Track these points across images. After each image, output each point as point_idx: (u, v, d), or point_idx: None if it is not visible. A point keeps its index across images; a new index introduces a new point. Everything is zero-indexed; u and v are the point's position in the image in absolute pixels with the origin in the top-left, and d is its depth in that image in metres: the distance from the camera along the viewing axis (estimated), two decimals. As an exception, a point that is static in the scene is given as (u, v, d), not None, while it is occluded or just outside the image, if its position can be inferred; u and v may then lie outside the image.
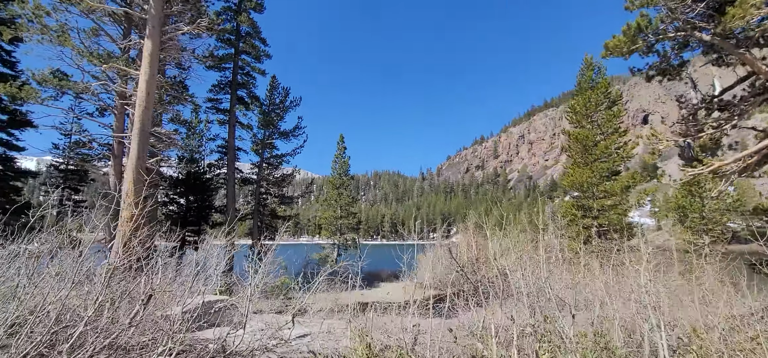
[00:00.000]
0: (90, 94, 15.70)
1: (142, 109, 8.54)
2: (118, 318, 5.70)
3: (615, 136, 20.37)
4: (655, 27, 8.80)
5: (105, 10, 15.36)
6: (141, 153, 8.46)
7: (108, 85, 15.98)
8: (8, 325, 4.51)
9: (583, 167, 20.54)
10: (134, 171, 8.35)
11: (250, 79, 20.74)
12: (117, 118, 15.44)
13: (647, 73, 9.75)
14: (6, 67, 18.20)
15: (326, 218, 26.88)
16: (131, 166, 8.37)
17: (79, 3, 14.28)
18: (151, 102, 8.75)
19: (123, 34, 15.84)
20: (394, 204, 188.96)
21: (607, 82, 21.25)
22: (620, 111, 20.58)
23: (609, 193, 19.74)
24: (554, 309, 5.38)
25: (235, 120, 20.46)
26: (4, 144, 17.72)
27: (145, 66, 8.69)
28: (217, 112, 20.74)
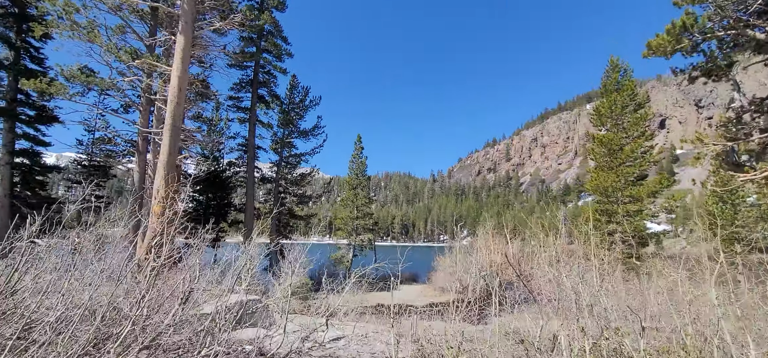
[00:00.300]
0: (115, 90, 15.85)
1: (173, 105, 8.49)
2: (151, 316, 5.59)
3: (641, 139, 19.83)
4: (701, 25, 8.43)
5: (131, 5, 15.50)
6: (172, 149, 8.42)
7: (134, 81, 16.11)
8: (54, 322, 4.42)
9: (608, 171, 20.03)
10: (165, 167, 8.31)
11: (270, 78, 20.78)
12: (142, 115, 15.54)
13: (690, 74, 9.36)
14: (34, 64, 18.51)
15: (342, 219, 26.78)
16: (162, 162, 8.32)
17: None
18: (183, 98, 8.71)
19: (149, 32, 15.96)
20: (404, 206, 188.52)
21: (633, 84, 20.72)
22: (647, 114, 20.03)
23: (635, 198, 19.21)
24: (612, 320, 5.10)
25: (255, 118, 20.50)
26: (31, 139, 18.01)
27: (177, 62, 8.65)
28: (237, 110, 20.82)
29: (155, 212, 8.07)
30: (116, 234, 11.37)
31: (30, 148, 18.01)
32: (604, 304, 5.17)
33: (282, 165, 21.88)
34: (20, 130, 18.10)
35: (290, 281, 8.32)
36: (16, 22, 17.87)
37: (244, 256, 7.71)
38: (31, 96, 18.39)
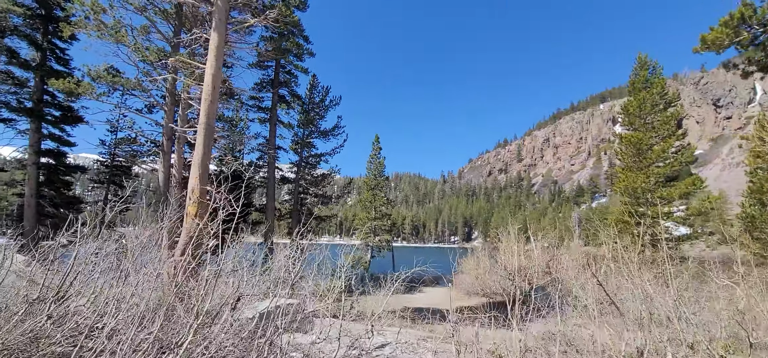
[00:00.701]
0: (140, 90, 15.84)
1: (207, 104, 8.33)
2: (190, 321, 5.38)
3: (672, 139, 19.21)
4: (760, 17, 7.97)
5: (156, 6, 15.49)
6: (206, 148, 8.25)
7: (159, 81, 16.09)
8: (109, 330, 4.23)
9: (637, 172, 19.44)
10: (200, 166, 8.14)
11: (291, 78, 20.66)
12: (167, 115, 15.50)
13: (744, 69, 8.88)
14: (60, 65, 18.67)
15: (360, 219, 26.55)
16: (197, 162, 8.15)
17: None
18: (217, 96, 8.54)
19: (173, 32, 15.91)
20: (414, 206, 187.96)
21: (663, 82, 20.09)
22: (678, 112, 19.39)
23: (666, 199, 18.60)
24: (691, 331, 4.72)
25: (276, 119, 20.39)
26: (57, 139, 18.16)
27: (212, 59, 8.49)
28: (258, 110, 20.75)
29: (190, 212, 7.90)
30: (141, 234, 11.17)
31: (55, 149, 18.16)
32: (685, 314, 4.77)
33: (302, 165, 21.76)
34: (46, 131, 18.27)
35: (336, 284, 8.06)
36: (42, 23, 18.03)
37: (286, 257, 7.48)
38: (56, 97, 18.55)
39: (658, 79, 20.19)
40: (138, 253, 6.48)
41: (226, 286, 6.11)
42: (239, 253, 6.83)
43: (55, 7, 18.52)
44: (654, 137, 19.58)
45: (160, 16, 15.89)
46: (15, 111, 17.42)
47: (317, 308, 8.19)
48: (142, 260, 6.09)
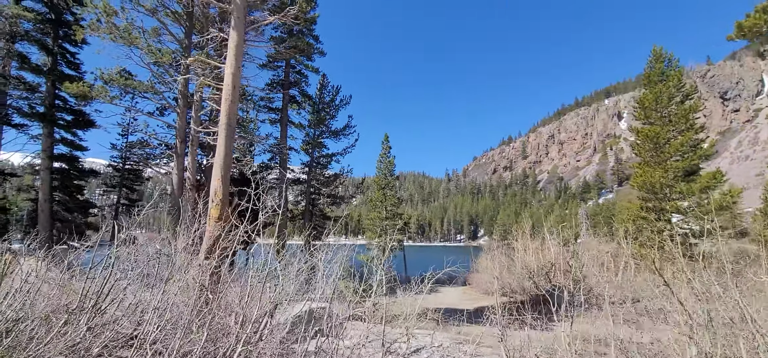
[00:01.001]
0: (152, 93, 15.73)
1: (228, 104, 8.15)
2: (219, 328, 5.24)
3: (690, 132, 18.84)
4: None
5: (167, 7, 15.38)
6: (228, 149, 8.07)
7: (171, 84, 15.97)
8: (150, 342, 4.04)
9: (655, 167, 19.08)
10: (222, 167, 7.96)
11: (302, 78, 20.50)
12: (179, 117, 15.37)
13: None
14: (71, 69, 18.62)
15: (371, 220, 26.35)
16: (219, 163, 7.98)
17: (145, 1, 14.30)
18: (237, 96, 8.36)
19: (184, 34, 15.78)
20: (419, 205, 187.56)
21: (680, 74, 19.72)
22: (697, 105, 19.01)
23: (685, 194, 18.24)
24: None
25: (287, 119, 20.24)
26: (69, 144, 18.10)
27: (231, 58, 8.30)
28: (269, 111, 20.59)
29: (213, 215, 7.73)
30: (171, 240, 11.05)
31: (68, 154, 18.10)
32: (750, 314, 4.50)
33: (313, 165, 21.60)
34: (58, 135, 18.23)
35: (358, 286, 7.84)
36: (52, 27, 17.98)
37: (325, 260, 7.27)
38: (68, 101, 18.51)
39: (675, 71, 19.82)
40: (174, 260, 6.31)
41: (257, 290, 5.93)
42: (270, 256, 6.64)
43: (64, 11, 18.48)
44: (671, 131, 19.22)
45: (170, 17, 15.76)
46: (27, 116, 17.39)
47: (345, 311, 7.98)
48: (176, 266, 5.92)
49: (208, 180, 17.20)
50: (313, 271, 7.87)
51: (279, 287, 5.39)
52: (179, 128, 15.27)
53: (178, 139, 15.22)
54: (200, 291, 6.17)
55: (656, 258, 16.29)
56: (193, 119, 15.25)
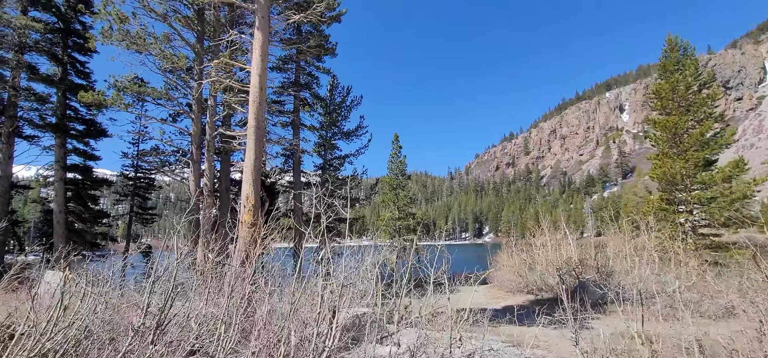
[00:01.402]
0: (166, 99, 15.55)
1: (256, 106, 7.93)
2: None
3: (709, 121, 18.55)
4: None
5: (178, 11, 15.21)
6: (258, 152, 7.86)
7: (183, 89, 15.78)
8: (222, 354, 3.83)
9: (674, 158, 18.79)
10: (253, 171, 7.74)
11: (312, 79, 20.30)
12: (194, 123, 15.17)
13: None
14: (80, 78, 18.46)
15: (384, 220, 26.11)
16: (249, 167, 7.75)
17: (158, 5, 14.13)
18: (265, 98, 8.14)
19: (196, 39, 15.59)
20: (423, 204, 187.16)
21: (696, 63, 19.45)
22: (716, 94, 18.72)
23: (707, 184, 17.97)
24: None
25: (299, 122, 20.02)
26: (81, 154, 17.92)
27: (257, 59, 8.09)
28: (279, 114, 20.37)
29: (246, 220, 7.50)
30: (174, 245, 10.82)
31: (82, 164, 17.93)
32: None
33: (326, 168, 21.39)
34: (70, 146, 18.06)
35: (404, 293, 7.60)
36: (62, 37, 17.82)
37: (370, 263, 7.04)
38: (79, 111, 18.35)
39: (691, 60, 19.53)
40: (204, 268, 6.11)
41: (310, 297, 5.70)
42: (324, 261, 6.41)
43: (72, 20, 18.32)
44: (690, 120, 18.94)
45: (181, 23, 15.57)
46: (40, 127, 17.24)
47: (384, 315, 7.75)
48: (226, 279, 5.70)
49: (223, 186, 17.02)
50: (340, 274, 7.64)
51: (336, 292, 5.15)
52: (194, 134, 15.07)
53: (194, 145, 15.02)
54: (246, 301, 5.97)
55: (678, 251, 16.01)
56: (208, 125, 15.05)
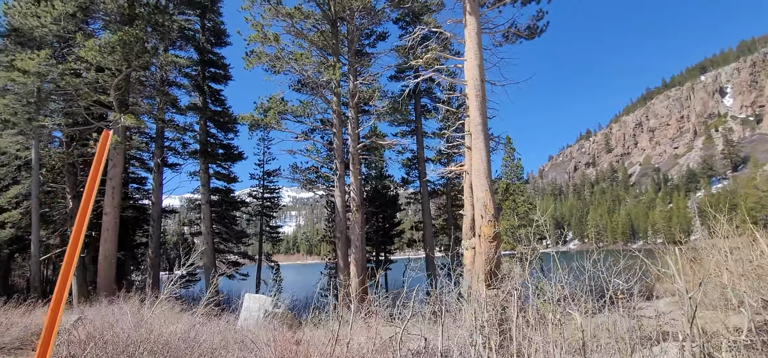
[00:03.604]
0: (305, 116, 15.55)
1: (479, 101, 6.93)
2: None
3: None
4: None
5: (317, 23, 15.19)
6: (487, 153, 6.82)
7: (322, 105, 15.67)
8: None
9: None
10: (486, 175, 6.72)
11: (432, 84, 19.52)
12: (336, 137, 14.92)
13: None
14: (217, 105, 19.45)
15: (504, 228, 24.28)
16: (482, 171, 6.73)
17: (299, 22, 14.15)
18: (485, 91, 7.11)
19: (332, 51, 15.47)
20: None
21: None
22: None
23: None
24: None
25: (421, 130, 19.24)
26: (223, 177, 18.74)
27: (473, 48, 7.12)
28: (399, 123, 19.81)
29: (485, 233, 6.44)
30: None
31: (223, 187, 18.76)
32: None
33: (451, 175, 20.37)
34: (211, 171, 19.00)
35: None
36: (201, 69, 18.92)
37: None
38: (217, 137, 19.31)
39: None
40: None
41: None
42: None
43: (208, 53, 19.42)
44: None
45: (319, 39, 15.56)
46: (186, 155, 18.34)
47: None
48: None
49: (358, 201, 16.55)
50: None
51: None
52: (337, 148, 14.77)
53: (337, 158, 14.72)
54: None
55: None
56: (351, 137, 14.68)
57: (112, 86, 14.21)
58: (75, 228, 2.49)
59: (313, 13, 14.62)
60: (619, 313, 5.40)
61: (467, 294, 6.96)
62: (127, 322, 5.85)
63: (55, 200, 18.89)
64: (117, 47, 13.10)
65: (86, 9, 14.40)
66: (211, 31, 19.23)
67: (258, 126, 14.07)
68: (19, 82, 13.14)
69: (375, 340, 6.62)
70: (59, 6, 13.23)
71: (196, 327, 6.07)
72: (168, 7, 16.78)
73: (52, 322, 2.42)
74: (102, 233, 14.76)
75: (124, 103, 15.43)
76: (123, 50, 13.34)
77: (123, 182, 16.99)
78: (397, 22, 19.89)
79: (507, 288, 6.34)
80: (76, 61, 13.58)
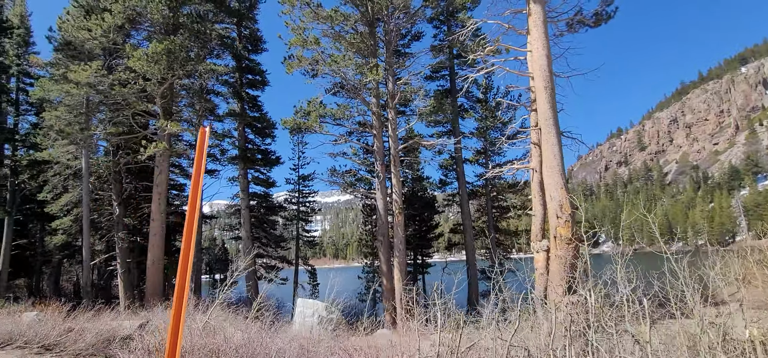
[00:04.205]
0: (344, 118, 15.43)
1: (548, 93, 6.50)
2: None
3: None
4: None
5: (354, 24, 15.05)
6: (560, 148, 6.36)
7: (363, 107, 15.51)
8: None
9: None
10: (560, 171, 6.28)
11: (468, 83, 19.03)
12: (376, 138, 14.71)
13: None
14: (254, 111, 19.66)
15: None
16: (554, 167, 6.30)
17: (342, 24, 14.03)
18: (553, 83, 6.67)
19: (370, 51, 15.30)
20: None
21: None
22: None
23: None
24: None
25: (458, 130, 18.77)
26: (262, 182, 18.89)
27: (540, 37, 6.70)
28: (435, 124, 19.43)
29: (562, 234, 6.02)
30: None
31: (262, 192, 18.89)
32: None
33: (489, 177, 19.78)
34: (249, 176, 19.20)
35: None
36: (240, 75, 19.18)
37: None
38: (255, 142, 19.50)
39: None
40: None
41: None
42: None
43: (245, 59, 19.67)
44: None
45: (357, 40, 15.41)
46: (229, 161, 18.58)
47: None
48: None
49: (399, 204, 16.24)
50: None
51: None
52: (377, 151, 14.54)
53: (378, 161, 14.48)
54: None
55: None
56: (391, 139, 14.42)
57: (158, 94, 14.53)
58: (186, 232, 2.28)
59: (352, 15, 14.49)
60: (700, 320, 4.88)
61: (541, 300, 6.51)
62: (196, 328, 5.74)
63: (101, 206, 19.54)
64: (163, 56, 13.36)
65: (133, 20, 14.81)
66: (248, 39, 19.48)
67: (300, 130, 14.06)
68: (74, 93, 13.60)
69: (439, 348, 6.27)
70: (109, 18, 13.64)
71: (263, 334, 5.91)
72: (208, 16, 17.09)
73: (176, 330, 2.22)
74: (150, 239, 15.08)
75: (168, 111, 15.76)
76: (168, 59, 13.60)
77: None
78: (432, 21, 19.57)
79: (589, 294, 5.86)
80: (125, 71, 13.94)
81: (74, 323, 6.44)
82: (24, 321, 7.12)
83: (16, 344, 5.60)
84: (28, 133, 20.48)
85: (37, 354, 5.20)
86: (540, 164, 7.40)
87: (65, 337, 5.70)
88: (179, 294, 2.26)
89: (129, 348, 5.48)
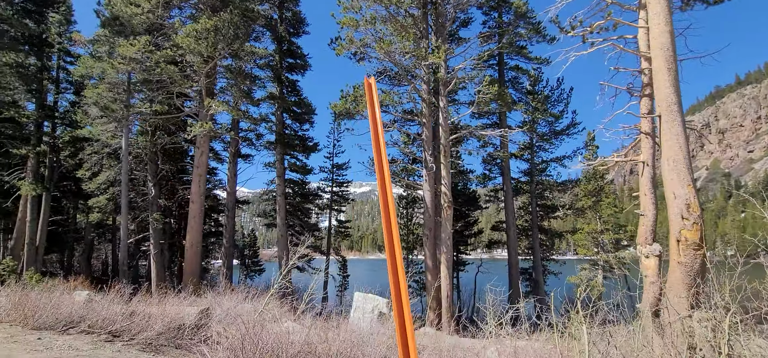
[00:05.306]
0: (392, 105, 14.73)
1: (672, 75, 5.65)
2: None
3: None
4: None
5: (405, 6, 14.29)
6: (687, 140, 5.52)
7: (413, 94, 14.78)
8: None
9: None
10: (688, 168, 5.42)
11: (519, 73, 18.06)
12: (425, 128, 13.96)
13: None
14: (292, 95, 19.15)
15: (585, 233, 22.26)
16: (683, 161, 5.45)
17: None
18: (677, 63, 5.80)
19: (421, 35, 14.52)
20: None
21: None
22: None
23: None
24: None
25: (506, 124, 17.83)
26: (299, 169, 18.39)
27: (660, 11, 5.82)
28: (479, 116, 18.53)
29: (688, 239, 5.14)
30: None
31: (298, 179, 18.42)
32: None
33: (535, 173, 18.77)
34: (286, 162, 18.73)
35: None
36: (280, 58, 18.66)
37: None
38: (292, 127, 19.01)
39: None
40: None
41: None
42: None
43: (287, 42, 19.13)
44: None
45: (410, 21, 14.64)
46: (266, 146, 18.14)
47: None
48: None
49: (448, 198, 15.48)
50: None
51: None
52: (426, 140, 13.80)
53: (427, 151, 13.74)
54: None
55: None
56: (442, 128, 13.63)
57: (203, 73, 14.12)
58: (382, 205, 1.62)
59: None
60: None
61: (652, 311, 5.68)
62: (250, 317, 5.19)
63: (136, 186, 19.43)
64: (210, 33, 12.92)
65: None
66: (290, 22, 18.91)
67: (348, 115, 13.42)
68: (120, 68, 13.30)
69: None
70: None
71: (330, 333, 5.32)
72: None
73: (404, 330, 1.57)
74: (189, 221, 14.76)
75: (210, 92, 15.37)
76: (215, 36, 13.15)
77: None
78: (481, 7, 18.58)
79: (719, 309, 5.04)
80: (172, 48, 13.55)
81: (137, 306, 5.98)
82: (78, 302, 6.72)
83: (80, 328, 5.15)
84: (67, 111, 20.49)
85: (107, 341, 4.72)
86: (652, 157, 6.55)
87: (130, 323, 5.22)
88: (396, 295, 1.59)
89: (202, 339, 4.95)
